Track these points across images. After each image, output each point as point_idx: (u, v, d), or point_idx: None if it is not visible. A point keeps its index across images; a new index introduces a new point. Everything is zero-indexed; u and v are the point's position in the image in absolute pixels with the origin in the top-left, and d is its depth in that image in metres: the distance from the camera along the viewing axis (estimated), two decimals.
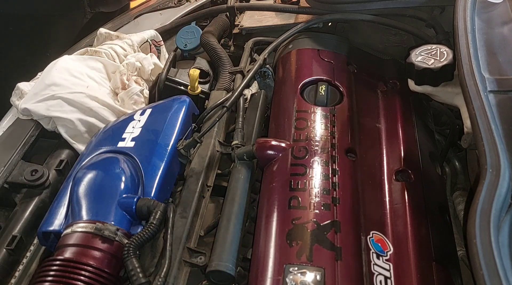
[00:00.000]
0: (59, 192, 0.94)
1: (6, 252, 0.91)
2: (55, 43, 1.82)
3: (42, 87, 1.17)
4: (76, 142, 1.15)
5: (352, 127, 0.96)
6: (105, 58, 1.34)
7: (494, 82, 0.84)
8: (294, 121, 0.95)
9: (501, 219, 0.65)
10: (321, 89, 1.02)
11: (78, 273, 0.75)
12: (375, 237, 0.80)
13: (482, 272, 0.59)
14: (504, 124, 0.76)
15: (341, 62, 1.11)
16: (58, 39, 1.83)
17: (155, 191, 0.90)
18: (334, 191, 0.82)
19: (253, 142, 0.96)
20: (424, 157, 0.96)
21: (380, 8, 1.21)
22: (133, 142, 0.98)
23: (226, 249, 0.77)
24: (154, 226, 0.81)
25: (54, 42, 1.82)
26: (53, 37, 1.84)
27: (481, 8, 1.02)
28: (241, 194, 0.87)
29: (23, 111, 1.15)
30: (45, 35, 1.83)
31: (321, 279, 0.69)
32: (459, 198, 1.02)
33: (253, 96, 1.11)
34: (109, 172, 0.90)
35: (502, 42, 0.95)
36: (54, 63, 1.25)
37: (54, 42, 1.82)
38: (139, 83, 1.30)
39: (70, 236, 0.81)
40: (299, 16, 1.33)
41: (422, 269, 0.77)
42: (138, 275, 0.74)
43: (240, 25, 1.38)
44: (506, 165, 0.70)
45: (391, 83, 1.12)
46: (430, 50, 0.98)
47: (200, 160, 0.97)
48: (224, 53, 1.27)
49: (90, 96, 1.19)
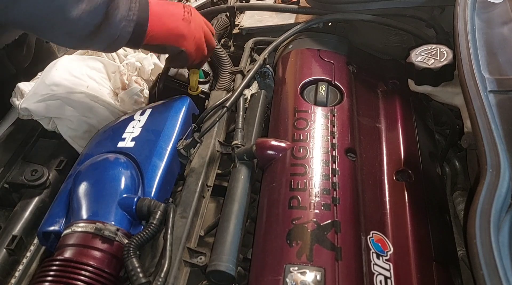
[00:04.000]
0: (59, 192, 0.94)
1: (6, 252, 0.91)
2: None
3: (42, 87, 1.17)
4: (76, 142, 1.15)
5: (352, 127, 0.96)
6: (105, 58, 1.34)
7: (494, 82, 0.84)
8: (294, 121, 0.95)
9: (501, 219, 0.65)
10: (321, 89, 1.02)
11: (78, 273, 0.75)
12: (375, 237, 0.80)
13: (482, 272, 0.59)
14: (504, 124, 0.76)
15: (341, 62, 1.11)
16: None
17: (155, 191, 0.90)
18: (334, 191, 0.82)
19: (253, 142, 0.96)
20: (424, 157, 0.96)
21: (380, 8, 1.21)
22: (133, 142, 0.98)
23: (226, 249, 0.77)
24: (154, 226, 0.81)
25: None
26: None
27: (481, 8, 1.02)
28: (241, 194, 0.87)
29: (23, 111, 1.15)
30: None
31: (321, 279, 0.69)
32: (459, 198, 1.02)
33: (253, 96, 1.11)
34: (109, 172, 0.90)
35: (502, 42, 0.95)
36: (54, 63, 1.25)
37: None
38: (139, 83, 1.30)
39: (70, 236, 0.81)
40: (299, 16, 1.33)
41: (422, 269, 0.77)
42: (138, 275, 0.74)
43: (240, 25, 1.38)
44: (506, 165, 0.70)
45: (391, 83, 1.12)
46: (430, 50, 0.98)
47: (200, 160, 0.97)
48: (224, 53, 1.27)
49: (90, 96, 1.19)
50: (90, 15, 0.87)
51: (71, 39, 0.93)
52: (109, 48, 0.98)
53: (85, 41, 0.93)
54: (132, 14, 0.93)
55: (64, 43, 1.00)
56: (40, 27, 0.90)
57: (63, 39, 0.95)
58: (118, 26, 0.92)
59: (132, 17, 0.93)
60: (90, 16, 0.87)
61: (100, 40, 0.93)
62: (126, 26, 0.93)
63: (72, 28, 0.88)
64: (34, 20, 0.87)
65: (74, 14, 0.85)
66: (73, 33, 0.90)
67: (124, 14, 0.92)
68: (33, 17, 0.86)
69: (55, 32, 0.91)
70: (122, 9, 0.92)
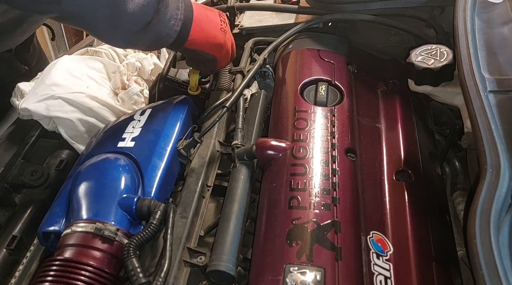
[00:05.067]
0: (59, 192, 0.94)
1: (6, 252, 0.91)
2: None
3: (42, 87, 1.17)
4: (76, 142, 1.15)
5: (352, 127, 0.96)
6: (105, 58, 1.34)
7: (494, 82, 0.84)
8: (294, 121, 0.95)
9: (501, 219, 0.65)
10: (321, 89, 1.02)
11: (78, 273, 0.75)
12: (375, 237, 0.80)
13: (482, 272, 0.59)
14: (504, 124, 0.76)
15: (341, 62, 1.11)
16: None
17: (155, 191, 0.90)
18: (334, 191, 0.82)
19: (253, 142, 0.96)
20: (424, 157, 0.96)
21: (380, 8, 1.21)
22: (133, 142, 0.98)
23: (226, 249, 0.77)
24: (154, 226, 0.81)
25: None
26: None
27: (481, 8, 1.02)
28: (241, 194, 0.87)
29: (23, 111, 1.15)
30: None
31: (321, 279, 0.69)
32: (459, 198, 1.02)
33: (253, 96, 1.11)
34: (109, 171, 0.90)
35: (502, 42, 0.95)
36: (54, 63, 1.25)
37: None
38: (139, 83, 1.31)
39: (70, 236, 0.81)
40: (299, 16, 1.33)
41: (422, 269, 0.77)
42: (138, 275, 0.74)
43: (240, 25, 1.38)
44: (506, 165, 0.70)
45: (391, 83, 1.12)
46: (430, 50, 0.98)
47: (200, 160, 0.97)
48: None
49: (90, 96, 1.19)
50: (144, 10, 0.85)
51: (121, 34, 0.90)
52: (152, 46, 0.96)
53: (134, 38, 0.90)
54: (180, 13, 0.93)
55: (112, 39, 0.94)
56: (92, 21, 0.85)
57: (113, 35, 0.90)
58: (167, 24, 0.90)
59: (180, 16, 0.93)
60: (143, 10, 0.85)
61: (148, 37, 0.91)
62: (174, 25, 0.92)
63: (125, 23, 0.86)
64: (88, 12, 0.83)
65: (129, 7, 0.83)
66: (125, 28, 0.87)
67: (173, 13, 0.91)
68: (88, 8, 0.81)
69: (106, 27, 0.87)
70: (172, 7, 0.91)
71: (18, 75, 1.39)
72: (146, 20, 0.87)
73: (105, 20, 0.85)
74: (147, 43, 0.94)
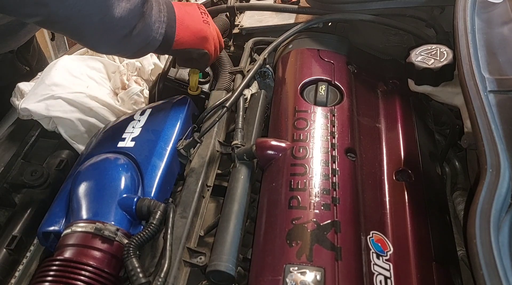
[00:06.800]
0: (59, 192, 0.94)
1: (6, 252, 0.91)
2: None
3: (42, 87, 1.17)
4: (76, 142, 1.15)
5: (352, 127, 0.96)
6: (105, 58, 1.34)
7: (494, 82, 0.84)
8: (294, 121, 0.95)
9: (501, 219, 0.65)
10: (321, 89, 1.02)
11: (78, 273, 0.75)
12: (375, 237, 0.80)
13: (482, 272, 0.59)
14: (504, 124, 0.76)
15: (341, 62, 1.11)
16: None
17: (155, 191, 0.90)
18: (334, 191, 0.82)
19: (253, 142, 0.96)
20: (424, 157, 0.96)
21: (380, 8, 1.21)
22: (133, 142, 0.98)
23: (226, 249, 0.77)
24: (154, 226, 0.81)
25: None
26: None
27: (481, 8, 1.02)
28: (241, 194, 0.87)
29: (23, 111, 1.15)
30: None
31: (321, 279, 0.69)
32: (459, 198, 1.02)
33: (253, 96, 1.11)
34: (109, 172, 0.90)
35: (502, 42, 0.95)
36: (54, 63, 1.26)
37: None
38: (139, 83, 1.31)
39: (70, 236, 0.81)
40: (299, 16, 1.33)
41: (422, 269, 0.77)
42: (138, 275, 0.74)
43: (240, 25, 1.38)
44: (506, 165, 0.70)
45: (391, 83, 1.12)
46: (430, 50, 0.98)
47: (200, 160, 0.97)
48: (224, 53, 1.27)
49: (90, 96, 1.19)
50: (131, 14, 0.84)
51: (108, 40, 0.88)
52: (140, 53, 0.95)
53: (120, 43, 0.89)
54: (163, 15, 0.92)
55: (98, 44, 0.92)
56: (79, 25, 0.84)
57: (99, 40, 0.89)
58: (152, 27, 0.89)
59: (164, 19, 0.92)
60: (130, 15, 0.84)
61: (134, 42, 0.90)
62: (159, 27, 0.91)
63: (112, 28, 0.85)
64: (75, 15, 0.80)
65: (117, 12, 0.82)
66: (112, 33, 0.86)
67: (157, 16, 0.90)
68: (76, 10, 0.79)
69: (94, 31, 0.85)
70: (155, 10, 0.90)
71: (19, 75, 1.39)
72: (132, 24, 0.86)
73: (93, 24, 0.83)
74: (135, 49, 0.92)
